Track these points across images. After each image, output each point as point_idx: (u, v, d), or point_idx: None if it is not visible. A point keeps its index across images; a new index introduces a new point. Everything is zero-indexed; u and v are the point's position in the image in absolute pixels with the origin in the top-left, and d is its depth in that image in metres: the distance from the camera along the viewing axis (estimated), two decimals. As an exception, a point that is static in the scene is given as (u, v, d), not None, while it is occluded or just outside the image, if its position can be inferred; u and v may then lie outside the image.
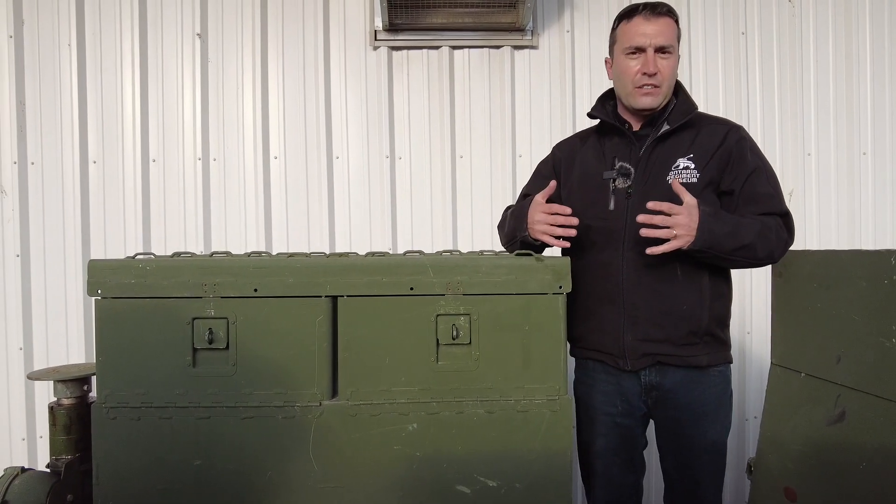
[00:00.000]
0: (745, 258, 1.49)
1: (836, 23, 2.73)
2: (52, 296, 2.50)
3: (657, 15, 1.54)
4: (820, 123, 2.73)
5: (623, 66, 1.59)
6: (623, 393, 1.64)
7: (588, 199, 1.64)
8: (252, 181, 2.59)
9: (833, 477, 1.38)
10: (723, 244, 1.44)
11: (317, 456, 1.44)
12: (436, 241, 2.63)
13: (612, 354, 1.61)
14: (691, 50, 2.70)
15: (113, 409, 1.43)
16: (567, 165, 1.74)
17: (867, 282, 1.32)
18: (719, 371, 1.62)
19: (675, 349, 1.56)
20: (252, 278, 1.44)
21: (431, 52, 2.65)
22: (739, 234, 1.45)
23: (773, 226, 1.50)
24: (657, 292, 1.56)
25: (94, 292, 1.44)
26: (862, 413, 1.31)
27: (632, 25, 1.56)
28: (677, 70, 1.62)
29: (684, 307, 1.55)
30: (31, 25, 2.50)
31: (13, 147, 2.48)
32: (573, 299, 1.70)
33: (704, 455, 1.62)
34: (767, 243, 1.49)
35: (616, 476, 1.68)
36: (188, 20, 2.57)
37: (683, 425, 1.60)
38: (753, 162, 1.56)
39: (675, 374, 1.58)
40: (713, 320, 1.58)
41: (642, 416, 1.67)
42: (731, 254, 1.46)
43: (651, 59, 1.53)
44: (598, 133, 1.70)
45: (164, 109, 2.57)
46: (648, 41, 1.53)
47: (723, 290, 1.62)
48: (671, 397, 1.60)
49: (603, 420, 1.67)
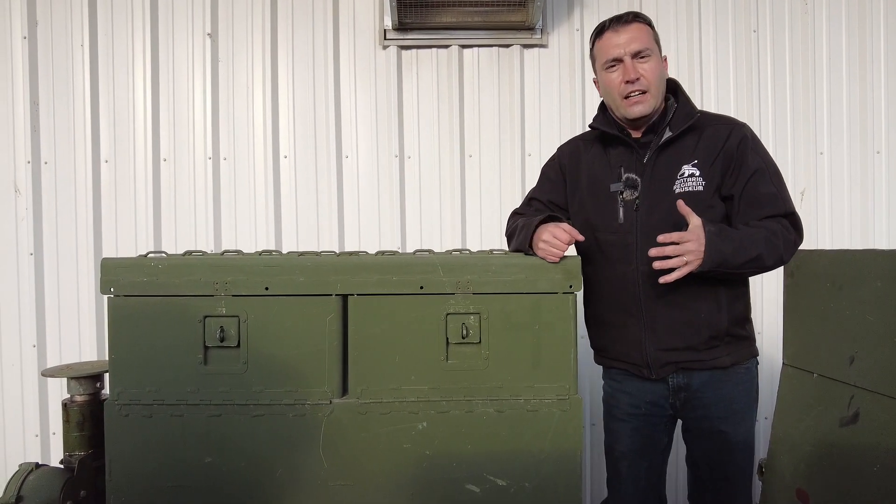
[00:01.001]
0: (755, 269, 1.49)
1: (850, 19, 2.70)
2: (65, 294, 2.52)
3: (624, 24, 1.57)
4: (833, 121, 2.70)
5: (606, 80, 1.61)
6: (649, 397, 1.65)
7: (598, 213, 1.64)
8: (262, 180, 2.60)
9: (846, 479, 1.37)
10: (731, 261, 1.44)
11: (327, 454, 1.45)
12: (445, 240, 2.63)
13: (636, 364, 1.63)
14: (702, 47, 2.68)
15: (125, 406, 1.45)
16: (573, 171, 1.73)
17: (882, 281, 1.30)
18: (745, 368, 1.63)
19: (698, 354, 1.57)
20: (263, 277, 1.45)
21: (441, 52, 2.64)
22: (746, 248, 1.45)
23: (778, 230, 1.49)
24: (674, 303, 1.56)
25: (106, 290, 1.45)
26: (876, 414, 1.30)
27: (604, 41, 1.59)
28: (665, 71, 1.61)
29: (702, 315, 1.56)
30: (44, 27, 2.53)
31: (27, 146, 2.51)
32: (594, 310, 1.72)
33: (735, 451, 1.62)
34: (775, 250, 1.48)
35: (640, 478, 1.70)
36: (199, 20, 2.58)
37: (714, 423, 1.61)
38: (755, 163, 1.54)
39: (702, 376, 1.59)
40: (732, 321, 1.58)
41: (668, 417, 1.68)
42: (740, 268, 1.46)
43: (630, 66, 1.55)
44: (602, 142, 1.70)
45: (174, 109, 2.59)
46: (622, 50, 1.55)
47: (740, 291, 1.62)
48: (699, 396, 1.60)
49: (628, 423, 1.69)
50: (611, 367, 1.73)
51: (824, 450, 1.44)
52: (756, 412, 1.67)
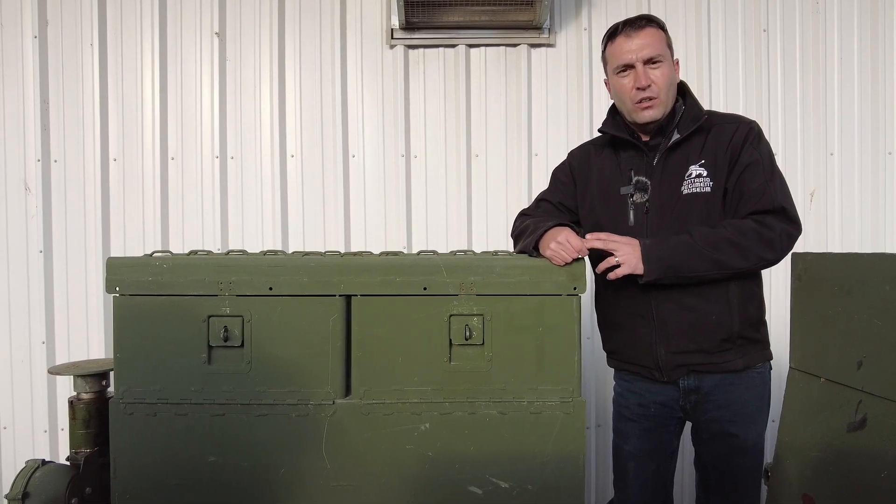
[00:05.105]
0: (724, 272, 1.48)
1: (862, 18, 2.66)
2: (74, 291, 2.55)
3: (637, 29, 1.55)
4: (843, 122, 2.66)
5: (618, 85, 1.60)
6: (659, 398, 1.65)
7: (609, 215, 1.64)
8: (269, 179, 2.61)
9: (852, 485, 1.35)
10: (680, 267, 1.45)
11: (329, 454, 1.45)
12: (451, 240, 2.63)
13: (647, 367, 1.63)
14: (711, 47, 2.65)
15: (130, 404, 1.46)
16: (583, 175, 1.73)
17: (891, 286, 1.28)
18: (757, 372, 1.62)
19: (709, 357, 1.57)
20: (267, 277, 1.46)
21: (448, 51, 2.64)
22: (696, 254, 1.45)
23: (749, 230, 1.47)
24: (685, 305, 1.55)
25: (112, 289, 1.46)
26: (884, 420, 1.28)
27: (616, 46, 1.58)
28: (675, 76, 1.61)
29: (713, 317, 1.55)
30: (54, 26, 2.55)
31: (37, 145, 2.53)
32: (605, 313, 1.72)
33: (745, 455, 1.61)
34: (742, 252, 1.46)
35: (648, 479, 1.69)
36: (206, 20, 2.59)
37: (724, 426, 1.60)
38: (749, 157, 1.53)
39: (713, 379, 1.59)
40: (745, 324, 1.57)
41: (677, 420, 1.68)
42: (707, 272, 1.47)
43: (641, 73, 1.54)
44: (613, 146, 1.70)
45: (182, 108, 2.60)
46: (634, 56, 1.54)
47: (752, 292, 1.60)
48: (711, 399, 1.60)
49: (638, 423, 1.69)
50: (622, 370, 1.73)
51: (831, 455, 1.43)
52: (767, 416, 1.66)
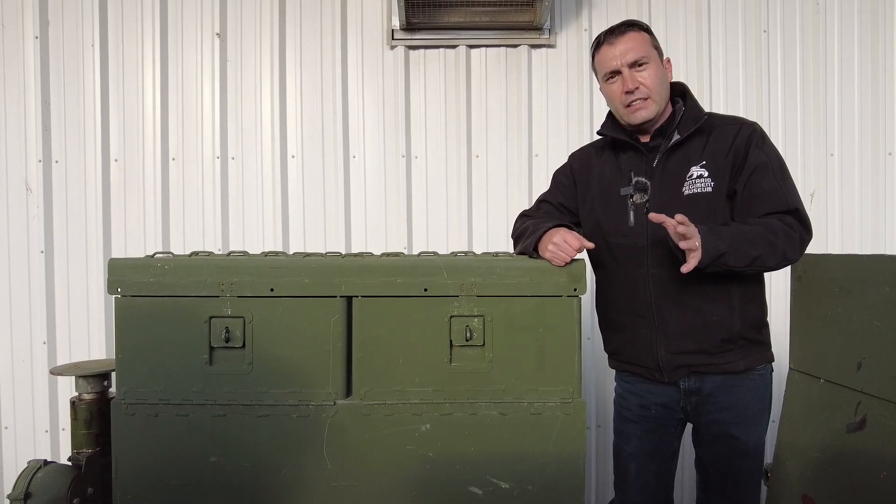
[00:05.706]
0: (758, 268, 1.47)
1: (862, 19, 2.66)
2: (75, 292, 2.55)
3: (619, 35, 1.58)
4: (843, 122, 2.66)
5: (608, 92, 1.63)
6: (660, 399, 1.65)
7: (609, 216, 1.65)
8: (270, 180, 2.61)
9: (852, 486, 1.35)
10: (728, 258, 1.42)
11: (330, 454, 1.46)
12: (451, 241, 2.63)
13: (648, 367, 1.63)
14: (711, 47, 2.65)
15: (131, 405, 1.46)
16: (584, 177, 1.74)
17: (891, 287, 1.29)
18: (759, 374, 1.61)
19: (710, 358, 1.56)
20: (268, 278, 1.46)
21: (448, 52, 2.64)
22: (742, 246, 1.43)
23: (778, 228, 1.46)
24: (686, 305, 1.55)
25: (113, 290, 1.46)
26: (883, 421, 1.29)
27: (601, 54, 1.61)
28: (667, 75, 1.61)
29: (714, 318, 1.54)
30: (55, 27, 2.55)
31: (38, 146, 2.53)
32: (605, 314, 1.72)
33: (745, 457, 1.62)
34: (775, 249, 1.45)
35: (649, 480, 1.70)
36: (207, 20, 2.60)
37: (725, 427, 1.60)
38: (758, 158, 1.52)
39: (714, 380, 1.58)
40: (746, 325, 1.57)
41: (678, 421, 1.68)
42: (744, 267, 1.44)
43: (628, 77, 1.56)
44: (613, 148, 1.70)
45: (183, 109, 2.61)
46: (619, 62, 1.56)
47: (754, 293, 1.60)
48: (712, 400, 1.60)
49: (638, 424, 1.69)
50: (623, 371, 1.73)
51: (830, 456, 1.43)
52: (769, 418, 1.66)
